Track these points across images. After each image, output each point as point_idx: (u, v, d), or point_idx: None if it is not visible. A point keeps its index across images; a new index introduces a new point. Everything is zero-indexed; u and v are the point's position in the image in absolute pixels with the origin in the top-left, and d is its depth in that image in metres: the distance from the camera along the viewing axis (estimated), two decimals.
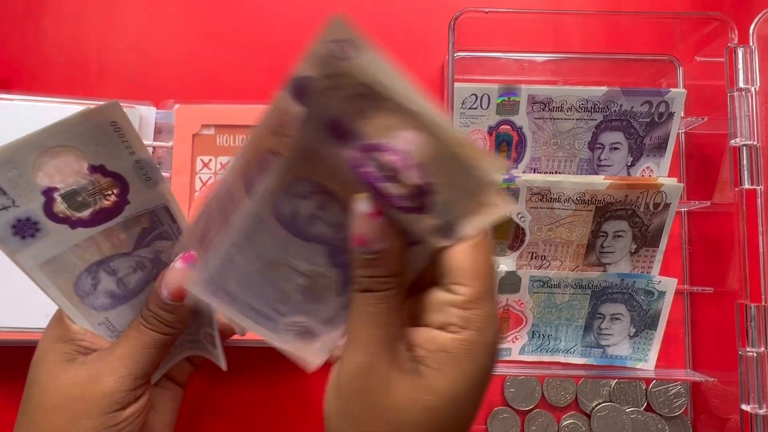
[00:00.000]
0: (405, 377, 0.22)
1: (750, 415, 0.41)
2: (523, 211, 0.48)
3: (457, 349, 0.22)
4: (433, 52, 0.52)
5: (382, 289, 0.23)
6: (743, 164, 0.43)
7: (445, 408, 0.22)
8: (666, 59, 0.52)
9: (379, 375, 0.22)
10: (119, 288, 0.27)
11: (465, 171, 0.21)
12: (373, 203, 0.22)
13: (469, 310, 0.23)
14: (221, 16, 0.52)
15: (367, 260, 0.23)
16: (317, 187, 0.23)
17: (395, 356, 0.23)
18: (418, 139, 0.20)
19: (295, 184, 0.23)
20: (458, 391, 0.22)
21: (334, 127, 0.21)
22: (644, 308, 0.48)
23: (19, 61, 0.51)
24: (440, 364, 0.22)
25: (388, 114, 0.20)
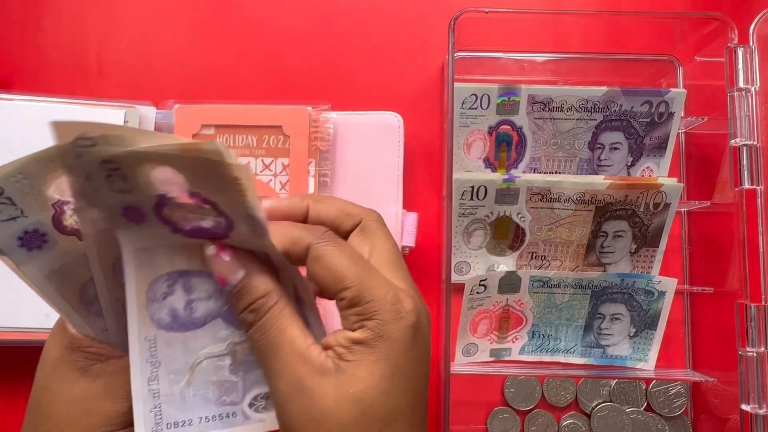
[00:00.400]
0: (329, 379, 0.23)
1: (750, 415, 0.41)
2: (523, 211, 0.48)
3: (369, 337, 0.23)
4: (433, 52, 0.52)
5: (260, 316, 0.24)
6: (743, 164, 0.43)
7: (373, 393, 0.22)
8: (666, 59, 0.52)
9: (305, 390, 0.22)
10: (185, 310, 0.26)
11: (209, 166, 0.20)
12: (215, 244, 0.23)
13: (359, 305, 0.23)
14: (221, 16, 0.52)
15: (236, 295, 0.24)
16: (170, 277, 0.24)
17: (312, 364, 0.23)
18: (167, 171, 0.21)
19: (153, 290, 0.24)
20: (381, 372, 0.23)
21: (129, 212, 0.22)
22: (644, 308, 0.48)
23: (19, 61, 0.51)
24: (358, 355, 0.23)
25: (144, 170, 0.21)
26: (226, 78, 0.51)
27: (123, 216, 0.23)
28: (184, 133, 0.46)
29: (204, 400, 0.25)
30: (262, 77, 0.51)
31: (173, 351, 0.25)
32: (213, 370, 0.25)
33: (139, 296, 0.24)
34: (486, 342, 0.49)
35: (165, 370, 0.25)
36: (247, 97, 0.51)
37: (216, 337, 0.25)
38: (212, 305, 0.25)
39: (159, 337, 0.25)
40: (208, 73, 0.51)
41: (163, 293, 0.24)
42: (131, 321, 0.24)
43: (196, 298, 0.25)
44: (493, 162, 0.49)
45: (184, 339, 0.25)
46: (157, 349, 0.25)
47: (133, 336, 0.24)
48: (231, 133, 0.46)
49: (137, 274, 0.24)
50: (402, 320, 0.23)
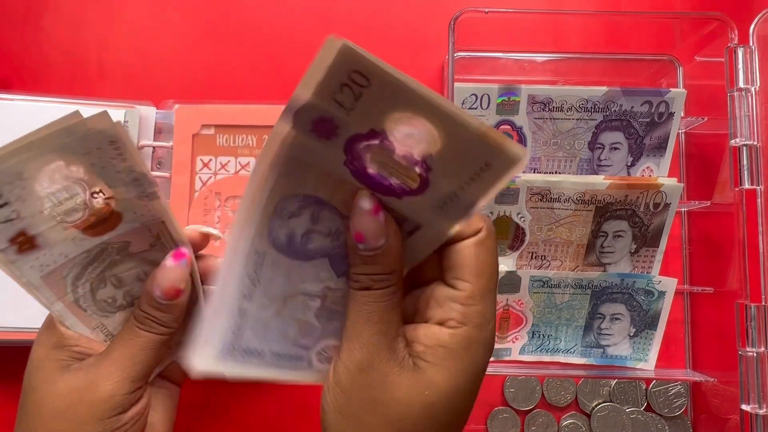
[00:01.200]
0: (405, 373, 0.22)
1: (750, 415, 0.41)
2: (523, 211, 0.48)
3: (456, 345, 0.23)
4: (433, 52, 0.52)
5: (381, 287, 0.23)
6: (743, 164, 0.43)
7: (444, 403, 0.23)
8: (666, 59, 0.52)
9: (379, 372, 0.22)
10: (302, 238, 0.25)
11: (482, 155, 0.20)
12: (373, 199, 0.22)
13: (469, 306, 0.23)
14: (221, 16, 0.52)
15: (366, 257, 0.23)
16: (305, 200, 0.23)
17: (394, 352, 0.23)
18: (420, 125, 0.20)
19: (284, 205, 0.23)
20: (457, 386, 0.23)
21: (320, 124, 0.21)
22: (644, 308, 0.48)
23: (19, 61, 0.51)
24: (439, 359, 0.23)
25: (383, 103, 0.20)
26: (226, 78, 0.51)
27: (311, 124, 0.21)
28: (184, 133, 0.46)
29: (283, 335, 0.25)
30: (262, 77, 0.51)
31: (276, 275, 0.24)
32: (302, 308, 0.25)
33: (267, 205, 0.23)
34: None
35: (261, 292, 0.24)
36: (247, 97, 0.51)
37: (317, 276, 0.25)
38: (327, 244, 0.24)
39: (269, 255, 0.24)
40: (208, 73, 0.51)
41: (290, 212, 0.23)
42: (249, 229, 0.23)
43: (317, 230, 0.24)
44: None
45: (290, 267, 0.24)
46: (263, 266, 0.24)
47: (246, 244, 0.23)
48: (231, 133, 0.46)
49: (278, 182, 0.23)
50: (487, 344, 0.24)
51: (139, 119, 0.46)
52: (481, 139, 0.19)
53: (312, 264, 0.24)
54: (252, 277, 0.24)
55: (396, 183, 0.22)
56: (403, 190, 0.22)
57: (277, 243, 0.24)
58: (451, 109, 0.19)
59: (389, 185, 0.22)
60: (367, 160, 0.22)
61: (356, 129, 0.21)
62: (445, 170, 0.21)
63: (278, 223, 0.23)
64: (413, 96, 0.19)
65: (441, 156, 0.20)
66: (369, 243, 0.23)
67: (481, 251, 0.23)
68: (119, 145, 0.22)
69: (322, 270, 0.25)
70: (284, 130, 0.21)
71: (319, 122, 0.21)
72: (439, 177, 0.21)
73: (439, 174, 0.21)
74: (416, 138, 0.20)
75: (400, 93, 0.19)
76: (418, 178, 0.21)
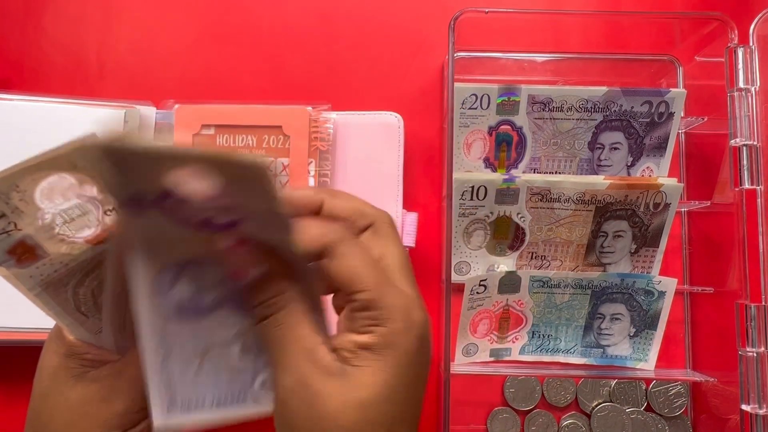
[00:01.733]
0: (334, 381, 0.23)
1: (750, 415, 0.41)
2: (523, 211, 0.48)
3: (377, 344, 0.23)
4: (433, 52, 0.52)
5: (277, 310, 0.24)
6: (743, 164, 0.43)
7: (378, 399, 0.23)
8: (666, 59, 0.52)
9: (309, 388, 0.23)
10: (193, 299, 0.26)
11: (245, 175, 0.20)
12: (230, 237, 0.23)
13: (373, 310, 0.23)
14: (221, 16, 0.52)
15: (251, 290, 0.24)
16: (176, 267, 0.24)
17: (318, 364, 0.23)
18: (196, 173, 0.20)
19: (160, 280, 0.24)
20: (386, 381, 0.23)
21: (131, 205, 0.22)
22: (644, 308, 0.48)
23: (19, 61, 0.51)
24: (364, 360, 0.23)
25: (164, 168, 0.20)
26: (226, 78, 0.51)
27: (127, 206, 0.22)
28: (184, 133, 0.46)
29: (215, 383, 0.26)
30: (262, 77, 0.51)
31: (183, 339, 0.25)
32: (223, 355, 0.25)
33: (145, 287, 0.24)
34: (486, 342, 0.49)
35: (177, 357, 0.25)
36: (247, 97, 0.51)
37: (224, 324, 0.25)
38: (219, 294, 0.25)
39: (169, 325, 0.25)
40: (208, 73, 0.51)
41: (170, 282, 0.24)
42: (141, 311, 0.24)
43: (203, 287, 0.25)
44: (493, 162, 0.49)
45: (194, 327, 0.25)
46: (167, 337, 0.25)
47: (143, 325, 0.24)
48: (231, 133, 0.46)
49: (144, 263, 0.24)
50: (412, 331, 0.24)
51: (139, 119, 0.46)
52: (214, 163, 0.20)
53: (214, 316, 0.25)
54: (163, 349, 0.25)
55: (216, 220, 0.23)
56: (230, 221, 0.23)
57: (171, 314, 0.25)
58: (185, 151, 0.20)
59: (220, 223, 0.23)
60: (186, 211, 0.22)
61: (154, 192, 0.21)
62: (240, 198, 0.21)
63: (164, 297, 0.24)
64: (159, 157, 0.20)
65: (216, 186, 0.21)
66: (246, 276, 0.24)
67: (343, 260, 0.24)
68: None
69: (227, 317, 0.25)
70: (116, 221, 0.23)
71: (131, 201, 0.22)
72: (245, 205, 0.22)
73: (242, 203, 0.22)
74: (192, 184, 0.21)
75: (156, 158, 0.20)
76: (224, 209, 0.22)
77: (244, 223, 0.23)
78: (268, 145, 0.46)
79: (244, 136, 0.46)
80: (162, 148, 0.19)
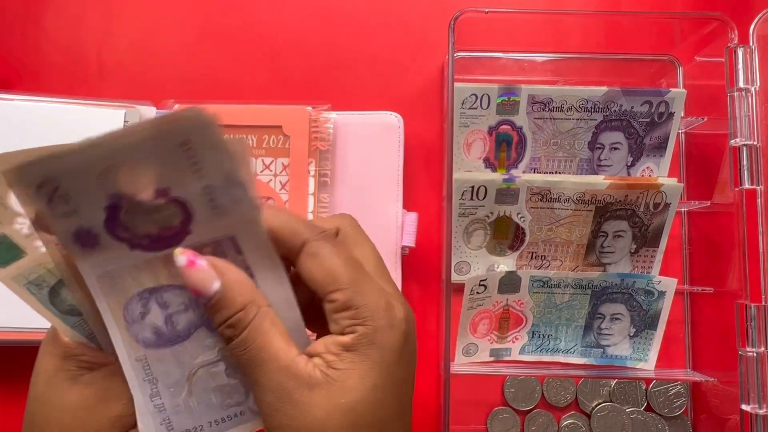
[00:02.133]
0: (317, 390, 0.22)
1: (750, 415, 0.41)
2: (523, 211, 0.48)
3: (359, 344, 0.22)
4: (433, 52, 0.52)
5: (240, 331, 0.23)
6: (743, 164, 0.43)
7: (364, 402, 0.22)
8: (666, 59, 0.52)
9: (292, 402, 0.22)
10: (167, 325, 0.25)
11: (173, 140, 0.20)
12: (185, 252, 0.22)
13: (351, 309, 0.23)
14: (221, 16, 0.52)
15: (212, 308, 0.23)
16: (141, 295, 0.24)
17: (298, 376, 0.22)
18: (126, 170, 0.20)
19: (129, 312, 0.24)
20: (374, 384, 0.22)
21: (80, 240, 0.22)
22: (644, 308, 0.48)
23: (19, 61, 0.51)
24: (347, 363, 0.22)
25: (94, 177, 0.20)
26: (226, 78, 0.51)
27: (75, 243, 0.22)
28: None
29: (208, 405, 0.25)
30: (262, 77, 0.51)
31: (166, 366, 0.25)
32: (210, 377, 0.25)
33: (117, 321, 0.24)
34: (486, 342, 0.49)
35: (163, 385, 0.25)
36: (247, 97, 0.51)
37: (204, 345, 0.25)
38: (192, 316, 0.24)
39: (149, 355, 0.24)
40: (208, 73, 0.51)
41: (139, 313, 0.24)
42: (118, 345, 0.24)
43: (174, 311, 0.24)
44: (493, 162, 0.49)
45: (174, 353, 0.25)
46: (150, 367, 0.24)
47: (123, 359, 0.24)
48: (231, 133, 0.46)
49: (108, 300, 0.24)
50: (394, 328, 0.23)
51: (139, 119, 0.46)
52: (157, 133, 0.19)
53: (192, 339, 0.25)
54: (148, 380, 0.24)
55: (164, 227, 0.22)
56: (180, 227, 0.22)
57: (148, 343, 0.24)
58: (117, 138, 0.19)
59: (166, 234, 0.22)
60: (130, 233, 0.22)
61: (98, 218, 0.21)
62: (179, 182, 0.21)
63: (137, 328, 0.24)
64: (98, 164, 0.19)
65: (160, 175, 0.21)
66: (207, 293, 0.22)
67: (316, 260, 0.23)
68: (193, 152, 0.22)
69: (205, 339, 0.25)
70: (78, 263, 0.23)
71: (79, 235, 0.22)
72: (183, 190, 0.21)
73: (180, 188, 0.21)
74: (135, 182, 0.20)
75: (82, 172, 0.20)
76: (174, 206, 0.22)
77: (191, 221, 0.22)
78: (268, 145, 0.46)
79: (244, 136, 0.46)
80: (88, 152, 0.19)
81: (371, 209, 0.47)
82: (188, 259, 0.22)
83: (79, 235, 0.22)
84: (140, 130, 0.19)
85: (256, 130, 0.46)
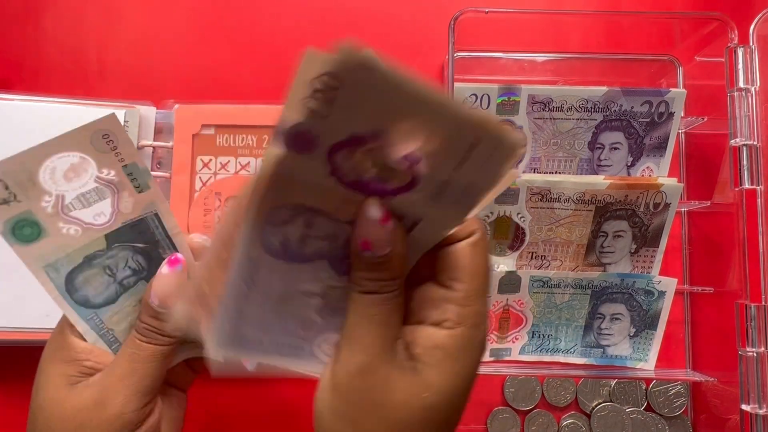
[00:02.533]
0: (404, 376, 0.22)
1: (750, 415, 0.41)
2: (523, 211, 0.48)
3: (453, 346, 0.23)
4: (433, 52, 0.52)
5: (386, 291, 0.23)
6: (743, 164, 0.43)
7: (442, 403, 0.23)
8: (666, 59, 0.52)
9: (379, 375, 0.22)
10: (297, 243, 0.25)
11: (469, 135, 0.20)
12: (382, 207, 0.22)
13: (465, 306, 0.23)
14: (221, 16, 0.52)
15: (372, 264, 0.23)
16: (296, 208, 0.23)
17: (394, 356, 0.23)
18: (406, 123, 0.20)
19: (275, 214, 0.23)
20: (456, 386, 0.23)
21: (298, 138, 0.21)
22: (644, 308, 0.48)
23: (19, 61, 0.51)
24: (437, 360, 0.23)
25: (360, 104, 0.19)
26: (226, 78, 0.51)
27: (289, 137, 0.21)
28: (184, 133, 0.46)
29: (282, 327, 0.25)
30: (262, 77, 0.51)
31: (272, 278, 0.24)
32: (302, 305, 0.25)
33: (258, 214, 0.23)
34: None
35: (258, 294, 0.24)
36: (247, 97, 0.50)
37: (316, 276, 0.25)
38: (324, 246, 0.24)
39: (263, 260, 0.24)
40: (208, 73, 0.51)
41: (282, 219, 0.23)
42: (243, 237, 0.23)
43: (313, 235, 0.24)
44: None
45: (287, 269, 0.24)
46: (258, 271, 0.24)
47: (240, 251, 0.23)
48: (231, 133, 0.46)
49: (267, 194, 0.23)
50: (483, 343, 0.24)
51: (139, 119, 0.46)
52: (477, 127, 0.19)
53: (310, 266, 0.24)
54: (247, 281, 0.24)
55: (385, 184, 0.22)
56: (394, 188, 0.22)
57: (271, 249, 0.24)
58: (441, 101, 0.19)
59: (379, 187, 0.22)
60: (352, 167, 0.21)
61: (335, 137, 0.20)
62: (434, 159, 0.20)
63: (271, 231, 0.23)
64: (391, 93, 0.19)
65: (428, 146, 0.20)
66: (376, 251, 0.22)
67: (477, 253, 0.24)
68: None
69: (321, 270, 0.24)
70: (275, 151, 0.22)
71: (297, 137, 0.21)
72: (429, 167, 0.21)
73: (429, 164, 0.21)
74: (401, 136, 0.20)
75: (374, 91, 0.19)
76: (408, 173, 0.21)
77: (407, 192, 0.22)
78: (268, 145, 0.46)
79: (244, 136, 0.46)
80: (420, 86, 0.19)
81: None
82: (383, 214, 0.22)
83: (300, 136, 0.21)
84: None
85: (256, 130, 0.46)
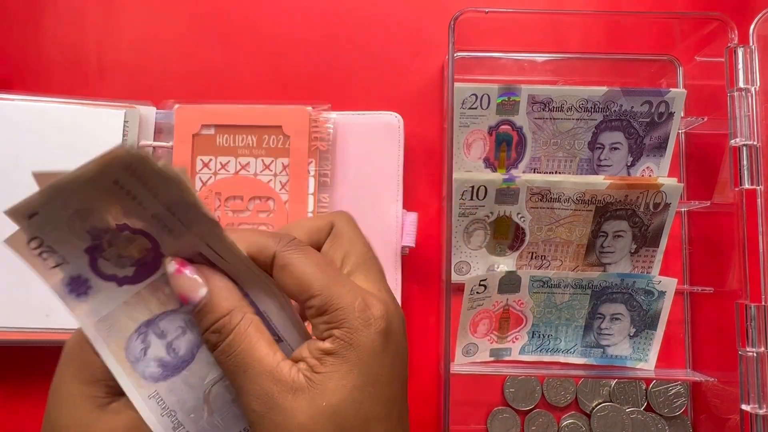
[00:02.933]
0: (300, 395, 0.22)
1: (750, 415, 0.41)
2: (523, 211, 0.48)
3: (338, 347, 0.22)
4: (433, 52, 0.52)
5: (224, 337, 0.23)
6: (743, 164, 0.43)
7: (347, 404, 0.22)
8: (666, 59, 0.52)
9: (277, 409, 0.22)
10: (169, 354, 0.25)
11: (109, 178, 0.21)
12: (175, 260, 0.23)
13: (326, 314, 0.23)
14: (221, 17, 0.52)
15: (198, 314, 0.23)
16: (139, 331, 0.24)
17: (281, 382, 0.22)
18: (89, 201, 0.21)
19: (130, 351, 0.24)
20: (354, 383, 0.22)
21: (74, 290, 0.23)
22: (644, 308, 0.48)
23: (19, 61, 0.51)
24: (329, 366, 0.22)
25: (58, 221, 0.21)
26: (226, 78, 0.51)
27: (70, 293, 0.23)
28: (184, 133, 0.46)
29: (234, 416, 0.25)
30: (262, 77, 0.51)
31: (180, 394, 0.25)
32: (225, 390, 0.25)
33: (121, 364, 0.24)
34: (486, 342, 0.49)
35: (183, 414, 0.25)
36: (247, 97, 0.51)
37: (210, 362, 0.25)
38: (191, 336, 0.25)
39: (159, 389, 0.24)
40: (208, 73, 0.51)
41: (141, 350, 0.24)
42: (127, 388, 0.24)
43: (173, 338, 0.25)
44: (493, 162, 0.49)
45: (183, 379, 0.25)
46: (164, 401, 0.24)
47: (136, 401, 0.24)
48: (231, 133, 0.46)
49: (109, 345, 0.24)
50: (371, 327, 0.23)
51: (139, 119, 0.46)
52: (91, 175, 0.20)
53: (197, 360, 0.25)
54: (166, 414, 0.24)
55: (144, 256, 0.23)
56: (154, 252, 0.23)
57: (156, 377, 0.24)
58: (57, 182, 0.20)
59: (147, 261, 0.23)
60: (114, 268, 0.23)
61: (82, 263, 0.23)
62: (130, 215, 0.22)
63: (142, 365, 0.24)
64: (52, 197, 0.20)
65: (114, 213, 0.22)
66: (193, 299, 0.23)
67: (288, 270, 0.23)
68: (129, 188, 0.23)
69: (208, 356, 0.25)
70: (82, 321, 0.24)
71: (72, 284, 0.23)
72: (137, 222, 0.22)
73: (134, 221, 0.22)
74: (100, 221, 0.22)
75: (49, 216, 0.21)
76: (140, 236, 0.23)
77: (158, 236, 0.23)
78: (268, 145, 0.46)
79: (244, 136, 0.46)
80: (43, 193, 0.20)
81: (371, 209, 0.47)
82: (177, 266, 0.23)
83: (72, 283, 0.23)
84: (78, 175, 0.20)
85: (256, 130, 0.46)
